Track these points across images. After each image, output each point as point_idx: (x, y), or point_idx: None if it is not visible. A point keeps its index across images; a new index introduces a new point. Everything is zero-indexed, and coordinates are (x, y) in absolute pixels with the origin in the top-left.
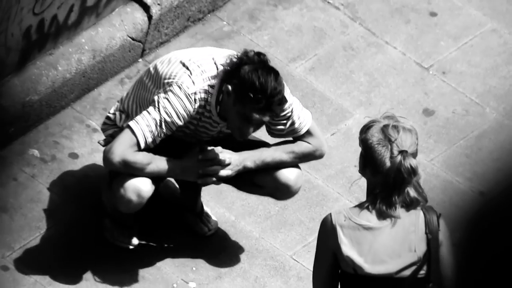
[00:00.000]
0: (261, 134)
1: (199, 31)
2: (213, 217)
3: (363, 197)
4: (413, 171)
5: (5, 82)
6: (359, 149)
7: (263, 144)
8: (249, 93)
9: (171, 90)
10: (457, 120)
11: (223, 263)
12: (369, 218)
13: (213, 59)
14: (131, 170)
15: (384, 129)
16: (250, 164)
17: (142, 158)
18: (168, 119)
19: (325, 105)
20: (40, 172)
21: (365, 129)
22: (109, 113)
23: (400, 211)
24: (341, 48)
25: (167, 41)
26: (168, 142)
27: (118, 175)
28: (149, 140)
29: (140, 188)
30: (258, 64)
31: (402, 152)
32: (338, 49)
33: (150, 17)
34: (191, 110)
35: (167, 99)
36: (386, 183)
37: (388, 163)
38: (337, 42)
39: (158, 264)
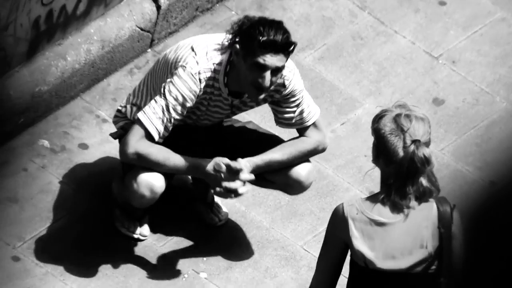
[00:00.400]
0: (270, 125)
1: (207, 21)
2: (224, 208)
3: (373, 187)
4: (426, 161)
5: (14, 72)
6: (369, 139)
7: (270, 138)
8: (256, 34)
9: (175, 73)
10: (467, 110)
11: (234, 253)
12: (381, 212)
13: (220, 40)
14: (146, 163)
15: (397, 118)
16: (260, 170)
17: (157, 152)
18: (174, 102)
19: (334, 95)
20: (50, 162)
21: (377, 118)
22: (120, 106)
23: (413, 203)
24: (350, 37)
25: (176, 31)
26: (183, 130)
27: (131, 170)
28: (160, 128)
29: (153, 183)
30: (260, 18)
31: (415, 141)
32: (347, 39)
33: (158, 7)
34: (197, 90)
35: (172, 82)
36: (400, 173)
37: (401, 153)
38: (346, 31)
39: (169, 254)
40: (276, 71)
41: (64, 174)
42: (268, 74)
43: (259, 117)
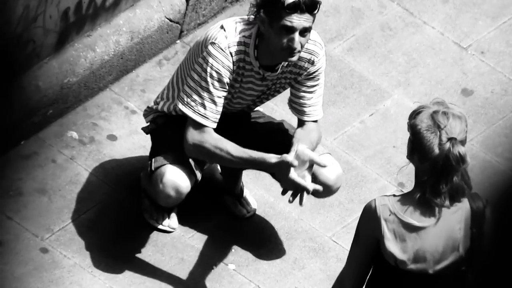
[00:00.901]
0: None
1: (237, 12)
2: (252, 199)
3: (401, 178)
4: (461, 159)
5: (43, 64)
6: (398, 130)
7: (281, 127)
8: None
9: (206, 51)
10: (495, 100)
11: (262, 244)
12: (415, 214)
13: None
14: (208, 156)
15: (434, 115)
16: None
17: (215, 142)
18: (211, 80)
19: (363, 86)
20: (79, 154)
21: (414, 114)
22: (153, 102)
23: (447, 202)
24: (379, 28)
25: (205, 22)
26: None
27: (158, 168)
28: (206, 112)
29: (178, 184)
30: None
31: (451, 139)
32: (376, 29)
33: None
34: (230, 64)
35: (204, 60)
36: (434, 170)
37: (436, 150)
38: (375, 22)
39: (197, 246)
40: (304, 31)
41: (93, 166)
42: (297, 35)
43: (288, 109)
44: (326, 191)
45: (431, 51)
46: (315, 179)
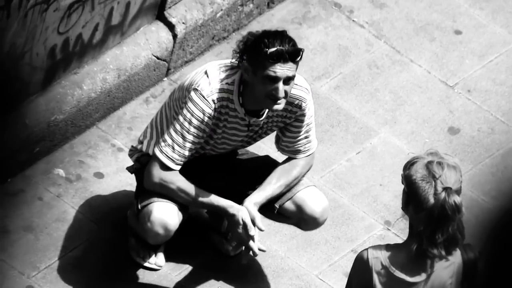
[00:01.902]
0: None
1: (224, 49)
2: None
3: (388, 217)
4: (457, 209)
5: (30, 101)
6: (384, 168)
7: (266, 162)
8: (262, 47)
9: (188, 97)
10: (482, 139)
11: (249, 282)
12: (407, 268)
13: (230, 65)
14: (169, 192)
15: (429, 165)
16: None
17: (179, 182)
18: (188, 126)
19: (350, 124)
20: (66, 191)
21: (409, 165)
22: (138, 141)
23: (443, 251)
24: (366, 66)
25: (192, 59)
26: (201, 160)
27: (145, 206)
28: (176, 157)
29: (167, 222)
30: (263, 31)
31: (446, 189)
32: (363, 67)
33: (175, 36)
34: (211, 112)
35: (186, 106)
36: (430, 220)
37: (432, 200)
38: (362, 60)
39: (184, 284)
40: (288, 80)
41: (80, 203)
42: (281, 84)
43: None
44: (313, 223)
45: (418, 89)
46: (301, 212)
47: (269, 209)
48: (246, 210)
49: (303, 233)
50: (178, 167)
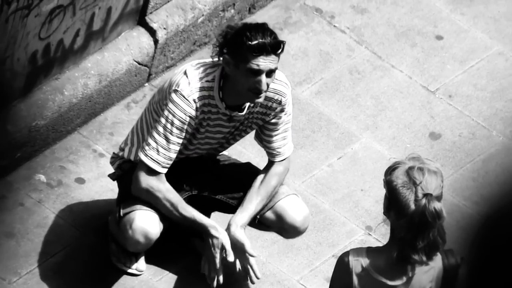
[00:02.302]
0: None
1: (205, 55)
2: None
3: (369, 222)
4: (437, 215)
5: (11, 107)
6: (366, 173)
7: (247, 170)
8: (244, 39)
9: (169, 98)
10: (463, 144)
11: (231, 287)
12: (387, 271)
13: (211, 59)
14: (154, 200)
15: (409, 171)
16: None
17: (166, 193)
18: (170, 127)
19: (331, 129)
20: (47, 197)
21: (390, 170)
22: (119, 148)
23: (424, 257)
24: (347, 71)
25: (173, 65)
26: (184, 165)
27: (127, 214)
28: (162, 159)
29: (148, 230)
30: (243, 24)
31: (426, 195)
32: (344, 73)
33: (156, 42)
34: (192, 112)
35: (167, 108)
36: (411, 226)
37: (412, 206)
38: (343, 65)
39: None
40: (270, 72)
41: (61, 209)
42: (263, 77)
43: (256, 151)
44: (294, 232)
45: (399, 94)
46: (281, 221)
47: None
48: (226, 235)
49: (284, 238)
50: (165, 170)
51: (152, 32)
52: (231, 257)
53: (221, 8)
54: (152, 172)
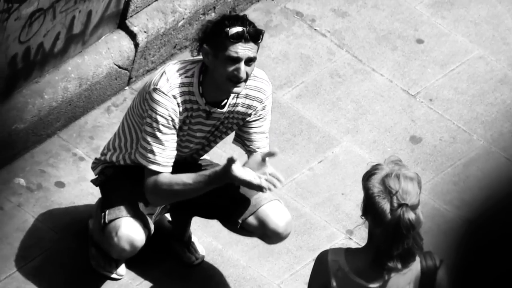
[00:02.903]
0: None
1: (186, 58)
2: (201, 246)
3: (350, 225)
4: (412, 226)
5: None
6: (346, 177)
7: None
8: (223, 27)
9: (150, 98)
10: (444, 148)
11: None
12: (365, 273)
13: (190, 57)
14: (174, 199)
15: (385, 179)
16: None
17: (174, 182)
18: (157, 126)
19: (312, 133)
20: (26, 201)
21: (367, 176)
22: (101, 153)
23: (398, 265)
24: (328, 75)
25: (154, 68)
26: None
27: (112, 221)
28: (161, 159)
29: (134, 238)
30: (222, 15)
31: (402, 205)
32: (325, 76)
33: (136, 45)
34: (175, 107)
35: (150, 107)
36: (386, 235)
37: (388, 216)
38: (324, 69)
39: None
40: (249, 61)
41: (40, 213)
42: (242, 65)
43: (237, 155)
44: (276, 237)
45: (379, 98)
46: (263, 227)
47: (232, 223)
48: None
49: (266, 244)
50: (168, 169)
51: (132, 35)
52: (235, 156)
53: (202, 11)
54: (155, 174)
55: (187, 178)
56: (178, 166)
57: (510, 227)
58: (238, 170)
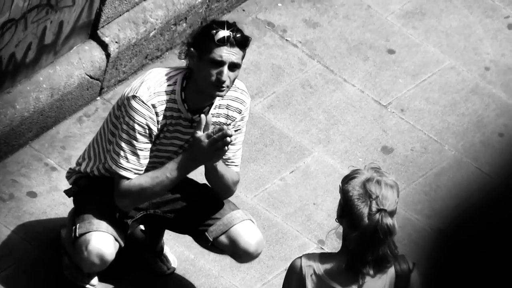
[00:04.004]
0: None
1: (159, 67)
2: (172, 256)
3: (322, 235)
4: (389, 231)
5: None
6: (318, 187)
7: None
8: (210, 30)
9: (128, 105)
10: (415, 158)
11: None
12: (340, 277)
13: (173, 66)
14: (143, 197)
15: (366, 183)
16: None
17: (145, 180)
18: (133, 133)
19: (283, 143)
20: None
21: (347, 179)
22: (76, 163)
23: (371, 271)
24: (299, 85)
25: (125, 79)
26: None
27: (82, 235)
28: (133, 166)
29: (104, 252)
30: (211, 19)
31: (380, 210)
32: (296, 87)
33: (108, 55)
34: (153, 116)
35: (127, 114)
36: (362, 240)
37: (366, 220)
38: (295, 79)
39: None
40: (233, 66)
41: (13, 223)
42: (225, 69)
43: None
44: (247, 257)
45: (351, 108)
46: (235, 246)
47: (203, 241)
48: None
49: (237, 262)
50: (141, 173)
51: (104, 45)
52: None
53: (173, 22)
54: (126, 180)
55: (153, 172)
56: None
57: (478, 236)
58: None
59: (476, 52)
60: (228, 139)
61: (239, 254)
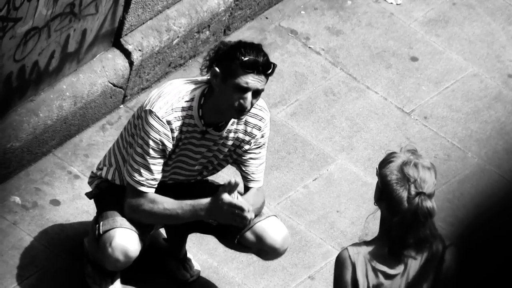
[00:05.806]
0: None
1: (180, 76)
2: (196, 263)
3: (345, 243)
4: (429, 214)
5: None
6: (341, 194)
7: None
8: (238, 54)
9: (144, 119)
10: (439, 165)
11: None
12: (387, 261)
13: (192, 79)
14: (151, 221)
15: (404, 167)
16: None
17: (157, 206)
18: (147, 148)
19: (306, 151)
20: (22, 219)
21: (385, 163)
22: (96, 168)
23: (413, 253)
24: (323, 93)
25: (149, 87)
26: (165, 189)
27: (106, 231)
28: (145, 180)
29: (128, 248)
30: (239, 41)
31: (420, 194)
32: (320, 94)
33: (131, 63)
34: (167, 132)
35: (143, 128)
36: (402, 223)
37: (405, 204)
38: (318, 87)
39: None
40: (257, 92)
41: (36, 231)
42: (249, 95)
43: (232, 172)
44: (274, 253)
45: (374, 116)
46: (261, 243)
47: (229, 238)
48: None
49: (260, 259)
50: (152, 190)
51: (127, 54)
52: (244, 205)
53: (196, 30)
54: (139, 194)
55: (167, 203)
56: (175, 189)
57: (501, 243)
58: (228, 198)
59: (499, 59)
60: (248, 216)
61: (266, 250)
